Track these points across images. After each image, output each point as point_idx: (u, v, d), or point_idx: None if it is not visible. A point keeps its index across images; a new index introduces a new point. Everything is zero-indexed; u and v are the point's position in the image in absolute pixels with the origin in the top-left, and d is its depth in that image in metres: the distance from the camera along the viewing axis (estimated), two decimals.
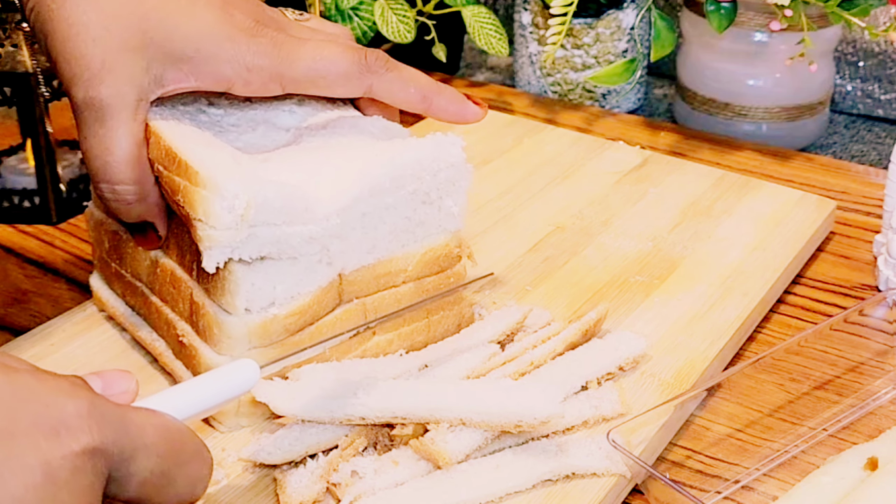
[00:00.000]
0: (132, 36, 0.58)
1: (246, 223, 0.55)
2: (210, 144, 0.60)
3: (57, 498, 0.39)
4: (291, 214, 0.57)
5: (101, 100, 0.58)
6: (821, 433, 0.63)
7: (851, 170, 0.93)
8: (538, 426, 0.56)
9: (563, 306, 0.72)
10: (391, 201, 0.62)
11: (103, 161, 0.59)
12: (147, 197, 0.61)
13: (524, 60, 1.08)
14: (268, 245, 0.57)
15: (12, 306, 0.75)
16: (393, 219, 0.62)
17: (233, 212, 0.55)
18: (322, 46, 0.61)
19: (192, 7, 0.59)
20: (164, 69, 0.59)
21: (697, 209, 0.83)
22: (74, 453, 0.39)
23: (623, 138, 0.96)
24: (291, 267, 0.59)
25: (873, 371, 0.68)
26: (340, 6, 1.01)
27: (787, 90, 0.97)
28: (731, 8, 0.91)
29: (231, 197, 0.55)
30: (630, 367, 0.65)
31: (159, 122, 0.60)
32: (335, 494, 0.55)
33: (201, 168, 0.56)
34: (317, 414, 0.57)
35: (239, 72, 0.60)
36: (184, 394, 0.47)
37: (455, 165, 0.63)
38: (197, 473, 0.45)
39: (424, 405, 0.57)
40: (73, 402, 0.40)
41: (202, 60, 0.59)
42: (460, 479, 0.56)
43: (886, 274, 0.75)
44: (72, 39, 0.58)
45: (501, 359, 0.63)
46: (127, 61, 0.58)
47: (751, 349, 0.71)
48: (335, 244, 0.60)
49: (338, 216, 0.59)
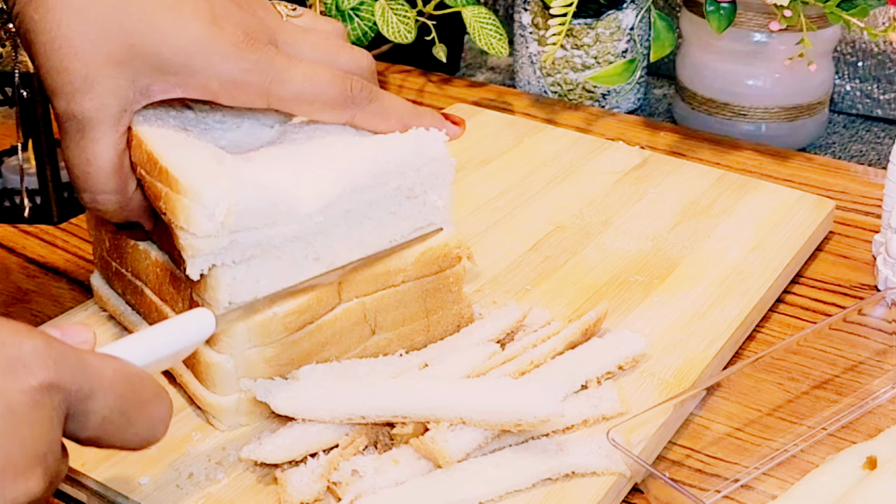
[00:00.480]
0: (117, 49, 0.57)
1: (227, 230, 0.56)
2: (192, 147, 0.60)
3: (16, 431, 0.40)
4: (273, 217, 0.57)
5: (83, 112, 0.58)
6: (820, 432, 0.63)
7: (850, 170, 0.93)
8: (538, 425, 0.56)
9: (563, 306, 0.72)
10: (374, 197, 0.62)
11: (84, 171, 0.59)
12: (129, 204, 0.61)
13: (524, 60, 1.08)
14: (251, 248, 0.58)
15: (13, 306, 0.75)
16: (378, 214, 0.62)
17: (213, 220, 0.55)
18: (312, 71, 0.61)
19: (180, 18, 0.58)
20: (150, 80, 0.59)
21: (697, 209, 0.83)
22: (32, 388, 0.41)
23: (623, 138, 0.96)
24: (275, 262, 0.59)
25: (872, 370, 0.68)
26: (341, 6, 1.01)
27: (787, 90, 0.97)
28: (731, 8, 0.91)
29: (211, 205, 0.55)
30: (630, 366, 0.65)
31: (142, 126, 0.60)
32: (336, 493, 0.55)
33: (181, 175, 0.56)
34: (317, 413, 0.57)
35: (226, 87, 0.59)
36: (140, 341, 0.49)
37: (438, 160, 0.63)
38: (157, 415, 0.47)
39: (425, 404, 0.57)
40: (29, 340, 0.42)
41: (190, 74, 0.59)
42: (460, 478, 0.56)
43: (885, 273, 0.75)
44: (55, 52, 0.57)
45: (502, 358, 0.63)
46: (111, 74, 0.58)
47: (750, 348, 0.72)
48: (319, 241, 0.60)
49: (321, 214, 0.59)
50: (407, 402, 0.57)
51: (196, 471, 0.58)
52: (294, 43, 0.63)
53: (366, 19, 1.02)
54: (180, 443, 0.59)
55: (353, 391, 0.57)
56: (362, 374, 0.61)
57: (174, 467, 0.58)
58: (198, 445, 0.59)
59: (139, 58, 0.58)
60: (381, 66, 1.15)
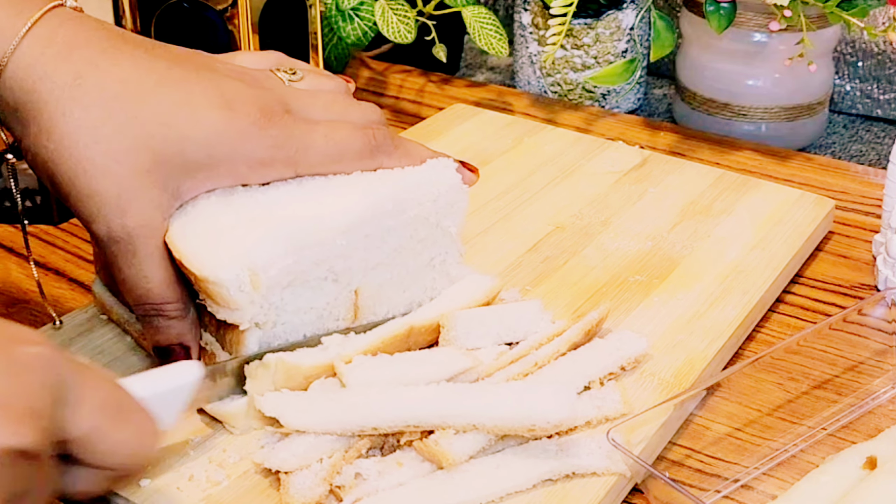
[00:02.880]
0: (141, 159, 0.56)
1: (263, 287, 0.57)
2: (197, 213, 0.59)
3: (15, 377, 0.42)
4: (298, 245, 0.59)
5: (128, 232, 0.56)
6: (820, 432, 0.63)
7: (850, 170, 0.93)
8: (551, 430, 0.56)
9: (563, 306, 0.72)
10: (393, 224, 0.63)
11: (145, 289, 0.58)
12: (189, 312, 0.60)
13: (524, 60, 1.08)
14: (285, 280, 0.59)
15: (14, 306, 0.75)
16: (395, 239, 0.64)
17: (244, 289, 0.57)
18: (332, 130, 0.62)
19: (195, 113, 0.58)
20: (179, 182, 0.58)
21: (697, 209, 0.83)
22: (31, 353, 0.43)
23: (623, 138, 0.96)
24: (301, 287, 0.61)
25: (872, 370, 0.68)
26: (341, 6, 1.01)
27: (787, 90, 0.97)
28: (731, 8, 0.91)
29: (236, 280, 0.56)
30: (631, 366, 0.65)
31: None
32: (338, 495, 0.55)
33: (194, 264, 0.56)
34: (329, 427, 0.57)
35: (254, 168, 0.59)
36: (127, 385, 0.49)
37: (453, 188, 0.65)
38: (144, 426, 0.47)
39: (436, 412, 0.56)
40: (34, 334, 0.44)
41: (216, 164, 0.58)
42: (461, 479, 0.56)
43: (885, 273, 0.75)
44: (80, 177, 0.56)
45: (508, 358, 0.63)
46: (143, 186, 0.56)
47: (750, 348, 0.72)
48: (339, 263, 0.61)
49: (343, 238, 0.60)
50: (418, 411, 0.56)
51: (197, 473, 0.58)
52: (306, 108, 0.63)
53: (366, 19, 1.02)
54: (181, 444, 0.59)
55: (363, 403, 0.57)
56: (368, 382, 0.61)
57: (175, 469, 0.58)
58: (198, 447, 0.59)
59: (164, 163, 0.57)
60: (381, 66, 1.15)
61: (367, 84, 1.12)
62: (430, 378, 0.59)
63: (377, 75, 1.13)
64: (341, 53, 1.07)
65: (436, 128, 0.96)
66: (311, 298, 0.62)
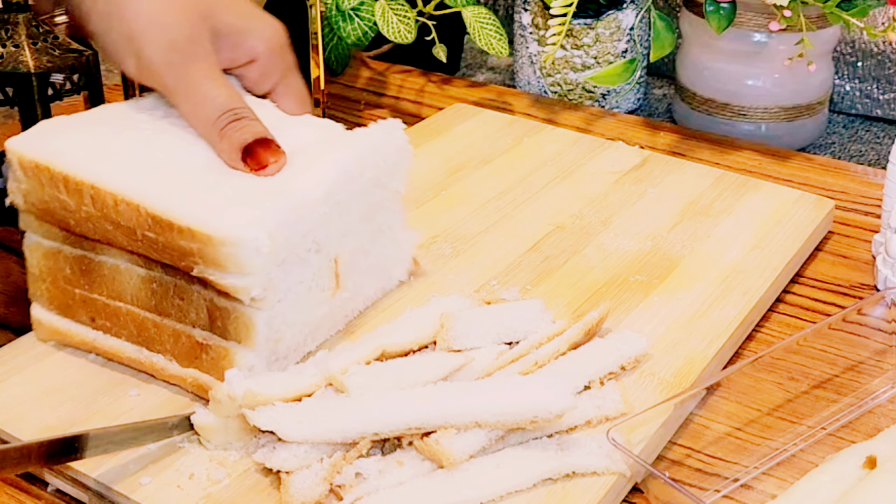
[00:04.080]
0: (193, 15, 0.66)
1: (274, 255, 0.59)
2: (190, 189, 0.61)
3: None
4: (297, 218, 0.61)
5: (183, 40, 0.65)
6: (819, 432, 0.63)
7: (850, 170, 0.93)
8: (553, 420, 0.56)
9: (563, 306, 0.72)
10: (356, 188, 0.65)
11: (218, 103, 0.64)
12: None
13: (524, 60, 1.08)
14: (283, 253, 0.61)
15: (13, 306, 0.75)
16: (357, 203, 0.66)
17: (260, 253, 0.58)
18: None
19: None
20: None
21: (696, 209, 0.83)
22: None
23: (622, 138, 0.96)
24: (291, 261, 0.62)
25: (872, 370, 0.68)
26: (341, 6, 1.01)
27: (786, 90, 0.98)
28: (731, 8, 0.91)
29: (255, 243, 0.58)
30: (631, 366, 0.65)
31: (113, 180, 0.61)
32: (338, 494, 0.55)
33: (208, 228, 0.58)
34: (328, 437, 0.56)
35: None
36: None
37: (401, 148, 0.69)
38: None
39: (438, 412, 0.56)
40: None
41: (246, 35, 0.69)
42: (461, 479, 0.56)
43: (885, 273, 0.75)
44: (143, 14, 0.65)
45: (508, 357, 0.63)
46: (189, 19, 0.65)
47: (750, 348, 0.72)
48: (321, 233, 0.63)
49: (324, 206, 0.62)
50: (420, 413, 0.56)
51: (197, 471, 0.58)
52: None
53: (366, 19, 1.02)
54: (181, 443, 0.59)
55: (363, 409, 0.57)
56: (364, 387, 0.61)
57: (175, 468, 0.58)
58: (199, 446, 0.59)
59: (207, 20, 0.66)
60: (382, 66, 1.15)
61: (367, 84, 1.12)
62: (426, 379, 0.59)
63: (377, 75, 1.13)
64: (341, 53, 1.07)
65: (436, 128, 0.96)
66: (301, 273, 0.63)
